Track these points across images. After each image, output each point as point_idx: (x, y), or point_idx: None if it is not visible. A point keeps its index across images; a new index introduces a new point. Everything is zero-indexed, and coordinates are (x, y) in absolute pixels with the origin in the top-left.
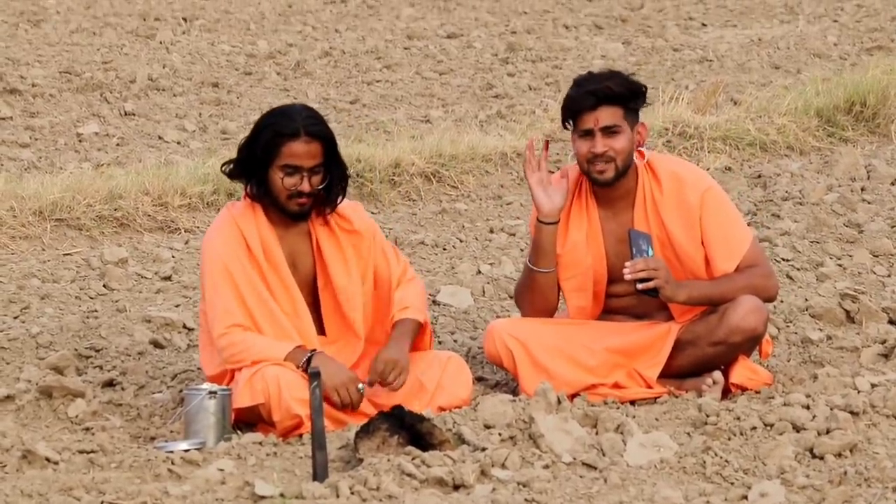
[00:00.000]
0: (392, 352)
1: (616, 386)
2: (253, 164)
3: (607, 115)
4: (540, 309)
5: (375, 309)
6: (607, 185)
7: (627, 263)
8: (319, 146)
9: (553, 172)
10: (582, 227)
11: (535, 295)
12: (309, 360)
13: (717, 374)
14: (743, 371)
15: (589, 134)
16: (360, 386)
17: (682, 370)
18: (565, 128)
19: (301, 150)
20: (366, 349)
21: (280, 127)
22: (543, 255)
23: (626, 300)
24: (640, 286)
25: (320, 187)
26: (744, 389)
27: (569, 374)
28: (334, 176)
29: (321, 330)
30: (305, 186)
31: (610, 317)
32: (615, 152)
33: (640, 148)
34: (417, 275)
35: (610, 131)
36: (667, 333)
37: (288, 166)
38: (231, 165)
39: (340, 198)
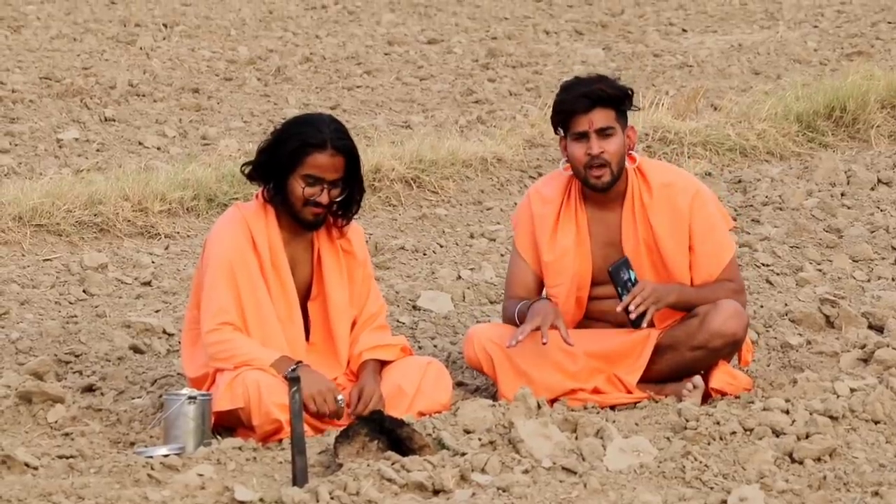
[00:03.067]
0: (375, 386)
1: (596, 391)
2: (274, 169)
3: (601, 117)
4: None
5: None
6: (604, 190)
7: (619, 307)
8: (343, 160)
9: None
10: (570, 232)
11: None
12: (294, 371)
13: (697, 379)
14: (722, 376)
15: (584, 136)
16: (340, 397)
17: (661, 375)
18: (556, 133)
19: (325, 162)
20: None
21: (308, 137)
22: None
23: (607, 304)
24: (643, 324)
25: (337, 200)
26: (723, 394)
27: (549, 378)
28: (353, 191)
29: (306, 339)
30: (324, 198)
31: (590, 323)
32: (610, 155)
33: (630, 152)
34: (388, 323)
35: (605, 133)
36: (646, 339)
37: (310, 176)
38: (251, 167)
39: (357, 210)
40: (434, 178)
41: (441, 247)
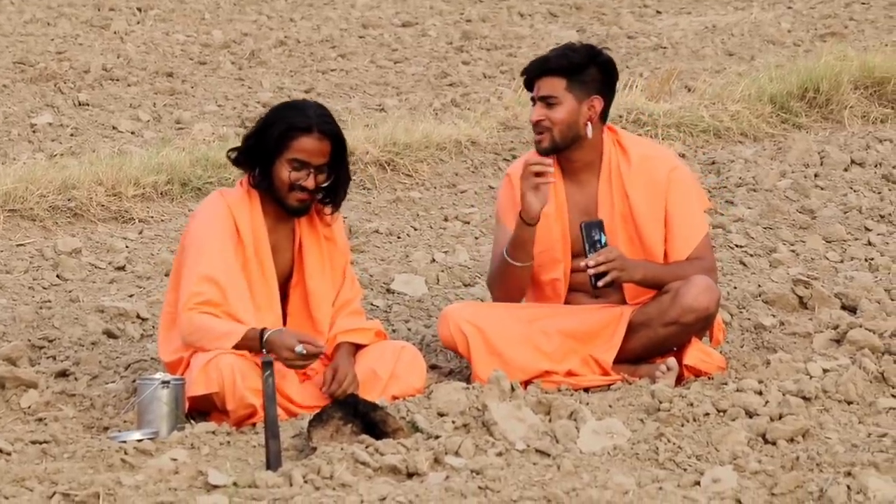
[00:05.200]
0: (350, 367)
1: (570, 374)
2: (260, 154)
3: (546, 85)
4: (513, 296)
5: None
6: (544, 154)
7: (583, 263)
8: (329, 145)
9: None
10: (549, 200)
11: (510, 284)
12: (262, 338)
13: (672, 361)
14: (697, 353)
15: (534, 102)
16: (298, 348)
17: (635, 353)
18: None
19: (312, 146)
20: None
21: (294, 120)
22: (523, 250)
23: (584, 275)
24: (599, 283)
25: (323, 186)
26: (697, 374)
27: (524, 358)
28: (339, 177)
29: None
30: (310, 183)
31: (571, 295)
32: (551, 122)
33: (587, 123)
34: (363, 308)
35: (547, 101)
36: (619, 316)
37: (296, 161)
38: (237, 152)
39: (343, 198)
40: (408, 161)
41: (415, 230)
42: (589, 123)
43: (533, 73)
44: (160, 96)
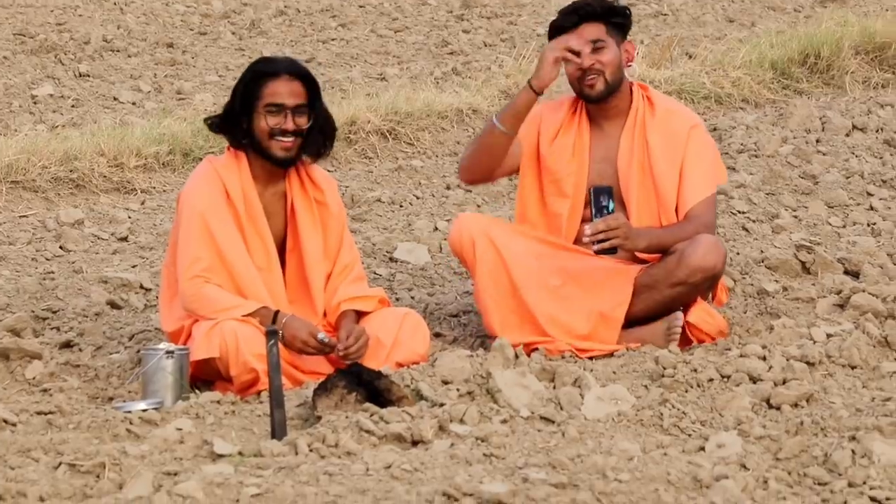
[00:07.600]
0: (361, 328)
1: (578, 338)
2: (238, 111)
3: (591, 30)
4: (478, 167)
5: None
6: (599, 100)
7: (587, 226)
8: (301, 86)
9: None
10: (571, 137)
11: (483, 151)
12: (273, 323)
13: (678, 314)
14: (700, 313)
15: (576, 53)
16: (321, 336)
17: (640, 315)
18: None
19: (283, 89)
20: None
21: (261, 68)
22: (513, 115)
23: None
24: (597, 247)
25: (305, 128)
26: (700, 338)
27: (523, 273)
28: (319, 119)
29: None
30: (289, 125)
31: (575, 244)
32: (602, 65)
33: (629, 64)
34: (364, 273)
35: (595, 45)
36: (627, 272)
37: (271, 105)
38: (215, 118)
39: (328, 146)
40: (410, 130)
41: (417, 198)
42: (631, 65)
43: (573, 22)
44: (161, 67)
